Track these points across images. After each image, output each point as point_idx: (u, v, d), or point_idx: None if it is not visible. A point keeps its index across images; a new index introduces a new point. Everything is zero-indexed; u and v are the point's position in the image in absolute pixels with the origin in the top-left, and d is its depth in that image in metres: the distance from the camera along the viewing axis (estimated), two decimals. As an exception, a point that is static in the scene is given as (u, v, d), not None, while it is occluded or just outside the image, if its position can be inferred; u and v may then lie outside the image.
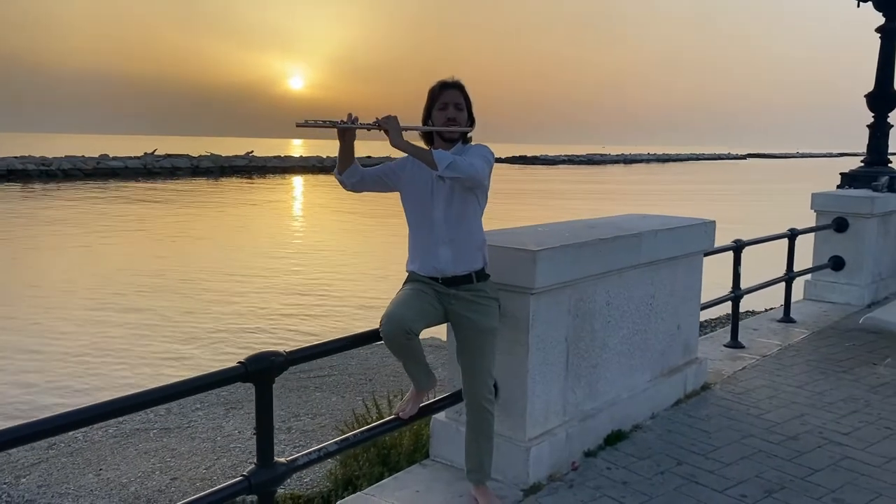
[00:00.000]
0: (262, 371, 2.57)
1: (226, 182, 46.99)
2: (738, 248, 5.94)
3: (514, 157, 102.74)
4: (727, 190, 47.38)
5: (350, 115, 2.94)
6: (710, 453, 3.92)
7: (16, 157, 50.21)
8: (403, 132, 2.90)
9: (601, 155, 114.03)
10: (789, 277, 6.96)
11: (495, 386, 3.42)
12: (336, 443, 2.95)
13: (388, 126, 2.87)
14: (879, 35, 8.00)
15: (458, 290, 3.10)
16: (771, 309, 8.84)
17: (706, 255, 4.96)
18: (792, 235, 6.81)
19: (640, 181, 56.20)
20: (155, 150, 61.69)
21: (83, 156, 55.28)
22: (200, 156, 60.73)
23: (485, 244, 3.18)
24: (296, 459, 2.79)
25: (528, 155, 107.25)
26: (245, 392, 5.82)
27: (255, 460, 2.66)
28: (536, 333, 3.49)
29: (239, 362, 2.55)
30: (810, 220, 7.82)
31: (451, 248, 3.08)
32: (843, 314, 7.24)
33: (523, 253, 3.37)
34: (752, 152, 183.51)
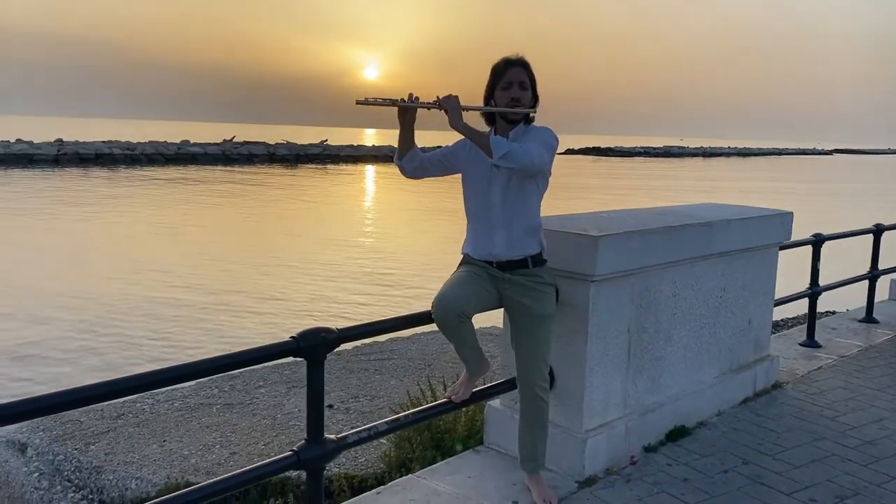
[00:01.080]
0: (313, 347, 2.56)
1: (302, 169, 47.92)
2: (817, 242, 5.66)
3: (586, 147, 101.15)
4: (812, 189, 45.20)
5: (410, 94, 2.89)
6: (779, 454, 3.73)
7: (103, 142, 52.45)
8: (464, 112, 2.84)
9: (679, 147, 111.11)
10: (873, 275, 6.59)
11: (551, 374, 3.33)
12: (386, 423, 2.93)
13: (448, 105, 2.80)
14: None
15: (512, 275, 3.02)
16: (852, 309, 8.42)
17: (782, 248, 4.73)
18: (878, 231, 6.45)
19: (718, 177, 54.37)
20: (233, 137, 63.44)
21: (165, 141, 57.33)
22: (277, 143, 62.13)
23: (541, 228, 3.09)
24: (345, 437, 2.78)
25: (602, 146, 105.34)
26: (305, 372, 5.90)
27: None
28: (596, 322, 3.38)
29: (291, 337, 2.55)
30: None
31: (507, 233, 3.00)
32: (931, 316, 6.81)
33: (584, 238, 3.26)
34: (839, 147, 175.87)
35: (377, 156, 65.43)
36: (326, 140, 69.47)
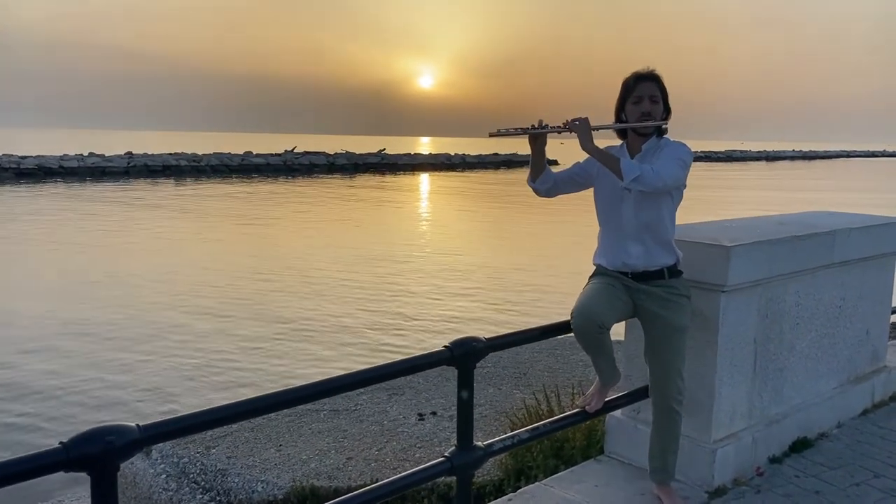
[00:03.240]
0: (465, 355, 2.63)
1: (361, 178, 48.55)
2: (928, 250, 5.49)
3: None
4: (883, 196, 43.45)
5: (540, 120, 2.95)
6: (910, 468, 3.65)
7: (170, 154, 54.09)
8: (594, 132, 2.89)
9: (741, 151, 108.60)
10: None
11: (682, 385, 3.34)
12: (527, 431, 2.99)
13: (578, 129, 2.85)
14: None
15: (648, 286, 3.04)
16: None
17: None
18: None
19: (782, 185, 52.82)
20: (294, 148, 64.66)
21: (229, 153, 58.79)
22: (336, 153, 63.06)
23: (674, 240, 3.10)
24: (492, 444, 2.84)
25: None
26: (404, 379, 6.01)
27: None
28: (725, 333, 3.38)
29: (445, 346, 2.63)
30: None
31: (642, 244, 3.02)
32: None
33: (716, 249, 3.27)
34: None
35: (434, 164, 65.79)
36: (384, 149, 70.19)
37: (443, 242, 20.17)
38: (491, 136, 2.96)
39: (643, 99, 2.99)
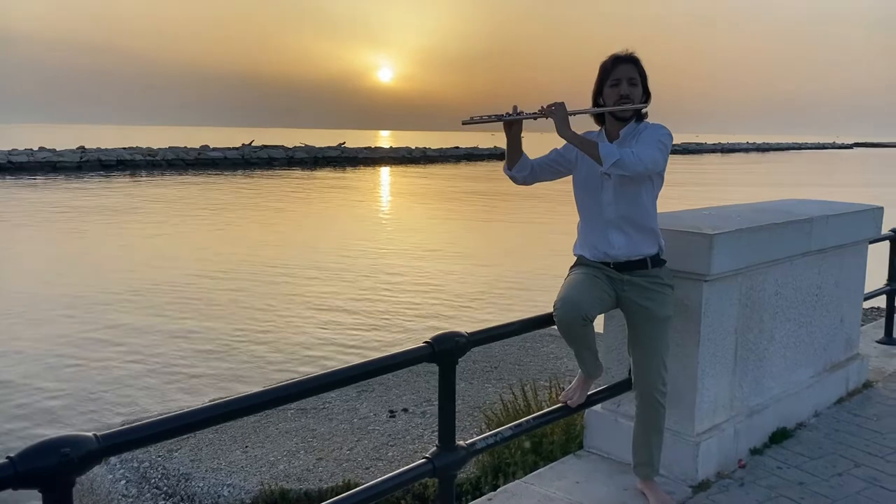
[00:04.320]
0: (447, 351, 2.50)
1: (321, 172, 48.01)
2: (895, 236, 5.53)
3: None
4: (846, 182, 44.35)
5: (515, 107, 2.84)
6: (889, 456, 3.63)
7: (124, 149, 52.82)
8: (571, 118, 2.78)
9: (696, 144, 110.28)
10: (946, 271, 6.43)
11: (664, 377, 3.26)
12: (510, 428, 2.87)
13: (555, 115, 2.74)
14: None
15: (631, 276, 2.94)
16: None
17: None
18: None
19: (757, 172, 53.41)
20: (252, 142, 63.66)
21: (185, 147, 57.63)
22: (295, 147, 62.28)
23: (657, 227, 3.01)
24: (474, 443, 2.72)
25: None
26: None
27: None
28: (708, 323, 3.31)
29: (425, 342, 2.49)
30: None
31: (624, 233, 2.92)
32: None
33: (698, 237, 3.19)
34: (859, 141, 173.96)
35: (395, 157, 65.45)
36: (344, 143, 69.56)
37: (400, 238, 19.81)
38: (464, 123, 2.86)
39: (621, 82, 2.88)
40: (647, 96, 2.95)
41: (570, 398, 3.13)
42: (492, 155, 67.76)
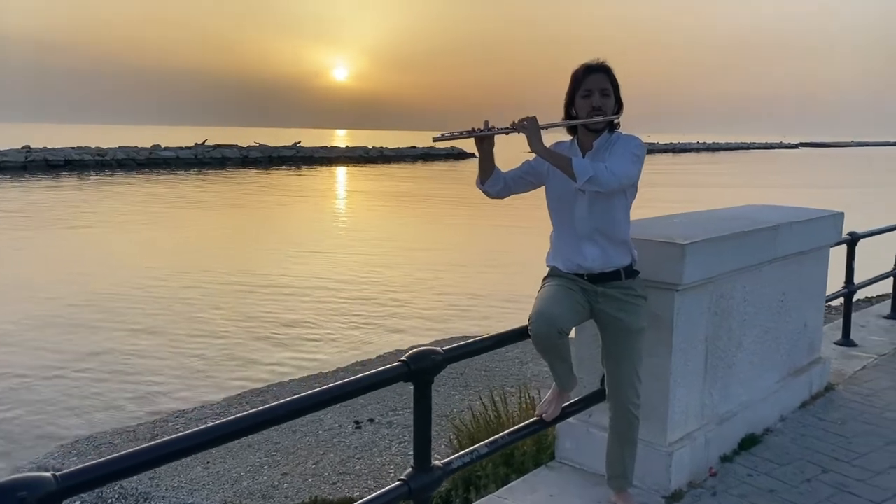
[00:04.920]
0: (423, 370, 2.43)
1: (276, 172, 47.40)
2: (852, 241, 5.64)
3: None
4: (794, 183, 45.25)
5: (486, 122, 2.81)
6: (856, 461, 3.68)
7: (72, 148, 51.39)
8: (543, 132, 2.75)
9: (649, 144, 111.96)
10: (899, 272, 6.61)
11: (637, 388, 3.23)
12: (486, 445, 2.81)
13: (526, 129, 2.71)
14: None
15: (605, 288, 2.91)
16: (867, 302, 8.49)
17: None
18: (902, 228, 6.46)
19: (717, 173, 53.94)
20: (205, 141, 62.56)
21: (136, 146, 56.38)
22: (249, 146, 61.43)
23: (630, 239, 2.99)
24: (450, 462, 2.65)
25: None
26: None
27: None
28: (679, 333, 3.30)
29: (401, 360, 2.42)
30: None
31: (597, 245, 2.89)
32: (953, 311, 6.85)
33: (670, 247, 3.17)
34: (805, 141, 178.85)
35: (352, 157, 65.02)
36: (300, 142, 68.84)
37: (348, 244, 19.04)
38: (435, 140, 2.84)
39: (593, 92, 2.84)
40: (619, 106, 2.92)
41: (545, 412, 3.08)
42: (448, 155, 67.80)
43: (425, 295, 12.17)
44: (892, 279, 6.64)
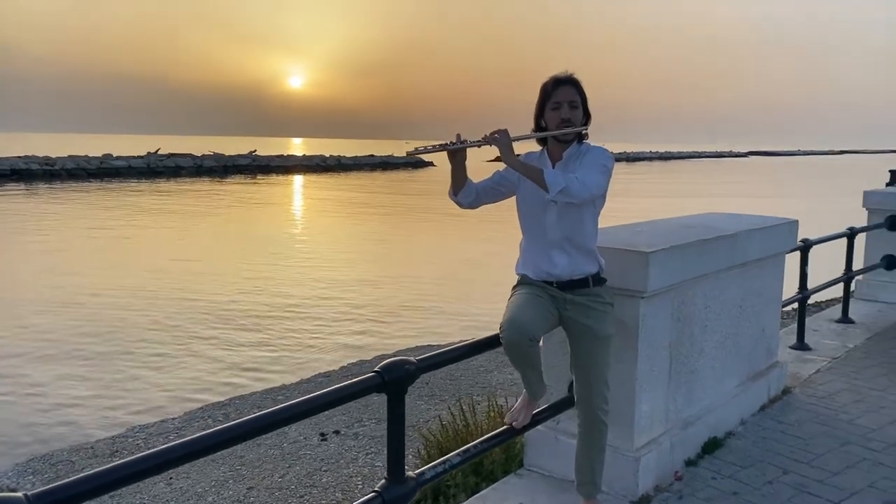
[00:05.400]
0: (396, 380, 2.43)
1: (231, 181, 46.78)
2: (805, 247, 5.80)
3: (497, 157, 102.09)
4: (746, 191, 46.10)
5: (458, 135, 2.87)
6: (814, 461, 3.78)
7: (19, 157, 49.98)
8: (515, 143, 2.80)
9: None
10: (848, 277, 6.83)
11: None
12: (458, 455, 2.82)
13: (499, 142, 2.76)
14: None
15: (574, 296, 2.96)
16: (818, 307, 8.73)
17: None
18: (851, 234, 6.67)
19: (669, 182, 54.73)
20: (158, 150, 61.43)
21: (87, 155, 55.08)
22: (204, 155, 60.51)
23: (597, 247, 3.04)
24: (423, 473, 2.66)
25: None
26: (299, 396, 5.66)
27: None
28: (645, 339, 3.36)
29: (375, 371, 2.41)
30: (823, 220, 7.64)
31: (566, 253, 2.94)
32: (900, 314, 7.10)
33: (635, 255, 3.23)
34: (753, 150, 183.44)
35: (309, 165, 64.49)
36: (255, 150, 68.11)
37: (292, 256, 18.49)
38: (409, 154, 2.93)
39: (562, 105, 2.90)
40: (587, 118, 2.98)
41: (515, 419, 3.11)
42: (407, 163, 67.80)
43: (384, 306, 12.11)
44: (842, 284, 6.85)
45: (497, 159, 3.37)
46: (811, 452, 3.89)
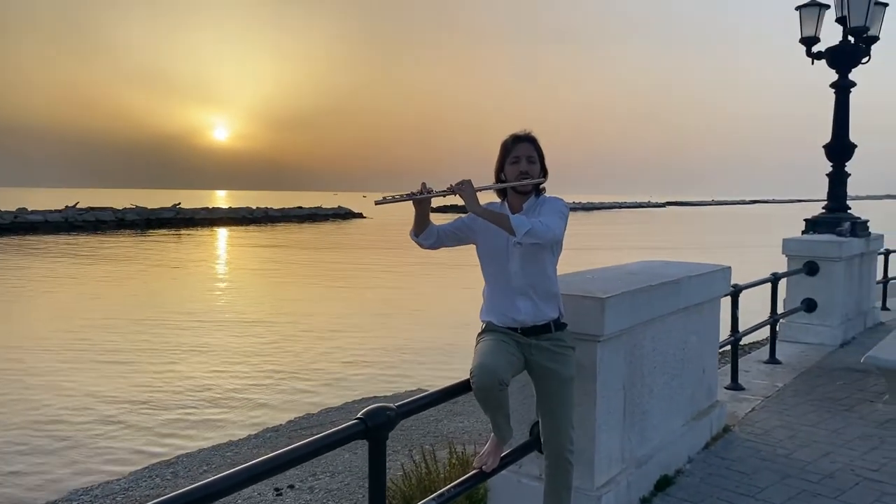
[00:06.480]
0: (379, 426, 2.49)
1: (154, 235, 45.59)
2: (735, 292, 6.14)
3: (442, 206, 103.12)
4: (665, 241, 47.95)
5: (423, 184, 3.02)
6: (759, 495, 3.98)
7: (-75, 212, 47.55)
8: (478, 192, 2.97)
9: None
10: (774, 320, 7.22)
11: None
12: (433, 500, 2.88)
13: (463, 191, 2.92)
14: (834, 90, 8.56)
15: (538, 340, 3.10)
16: (744, 349, 9.14)
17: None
18: (775, 279, 7.10)
19: (596, 232, 56.20)
20: (77, 204, 59.47)
21: None
22: (125, 208, 58.91)
23: (559, 293, 3.21)
24: (402, 519, 2.70)
25: (449, 204, 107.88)
26: (249, 447, 5.57)
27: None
28: (602, 381, 3.52)
29: (358, 418, 2.47)
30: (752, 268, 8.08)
31: (529, 300, 3.10)
32: (821, 354, 7.55)
33: (591, 301, 3.41)
34: (670, 200, 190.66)
35: (235, 217, 63.51)
36: (179, 203, 66.72)
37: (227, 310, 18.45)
38: (377, 203, 3.06)
39: (521, 159, 3.11)
40: (544, 172, 3.18)
41: (485, 463, 3.19)
42: (336, 215, 67.64)
43: (325, 358, 12.02)
44: (768, 327, 7.25)
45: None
46: (755, 486, 4.09)
